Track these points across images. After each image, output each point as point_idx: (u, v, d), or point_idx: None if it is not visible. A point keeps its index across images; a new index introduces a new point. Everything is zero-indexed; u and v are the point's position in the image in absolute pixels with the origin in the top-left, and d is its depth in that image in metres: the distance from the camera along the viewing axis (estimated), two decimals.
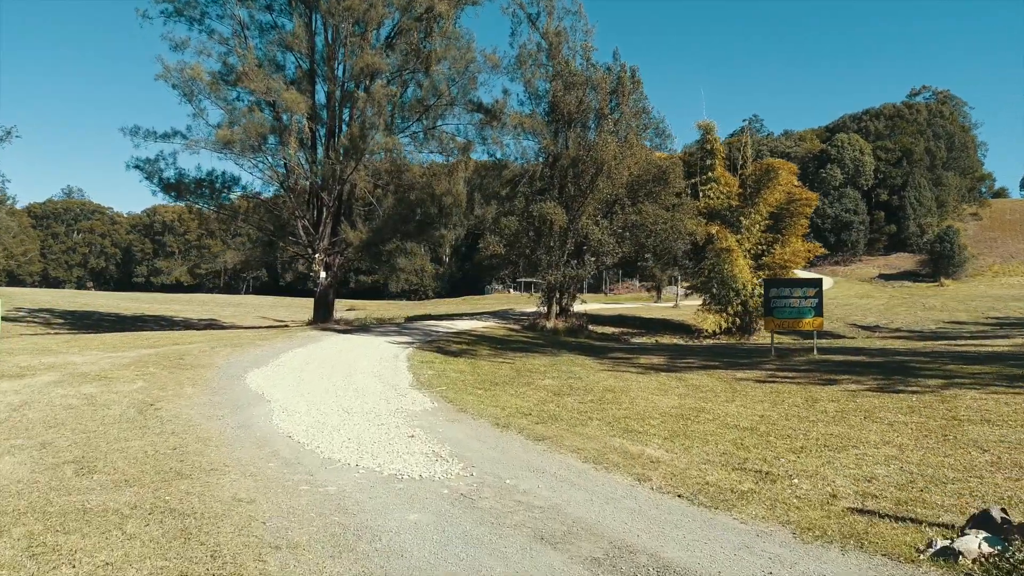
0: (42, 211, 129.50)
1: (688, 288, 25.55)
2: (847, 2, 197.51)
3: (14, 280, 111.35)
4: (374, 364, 11.13)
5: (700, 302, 26.02)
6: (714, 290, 23.50)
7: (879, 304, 43.95)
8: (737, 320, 24.02)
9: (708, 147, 25.00)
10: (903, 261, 75.15)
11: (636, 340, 23.92)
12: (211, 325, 29.43)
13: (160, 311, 37.18)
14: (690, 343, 21.98)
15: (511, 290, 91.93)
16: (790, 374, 11.20)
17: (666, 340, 24.37)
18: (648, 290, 66.21)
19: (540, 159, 24.12)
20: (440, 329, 19.70)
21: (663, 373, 11.70)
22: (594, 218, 22.88)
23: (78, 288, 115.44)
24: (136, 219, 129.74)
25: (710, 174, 24.87)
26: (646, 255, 23.59)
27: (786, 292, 13.43)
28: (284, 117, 18.47)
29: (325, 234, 19.75)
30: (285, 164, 18.63)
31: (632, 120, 24.10)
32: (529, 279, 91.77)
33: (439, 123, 20.90)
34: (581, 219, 22.56)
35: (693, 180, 24.41)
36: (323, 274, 19.75)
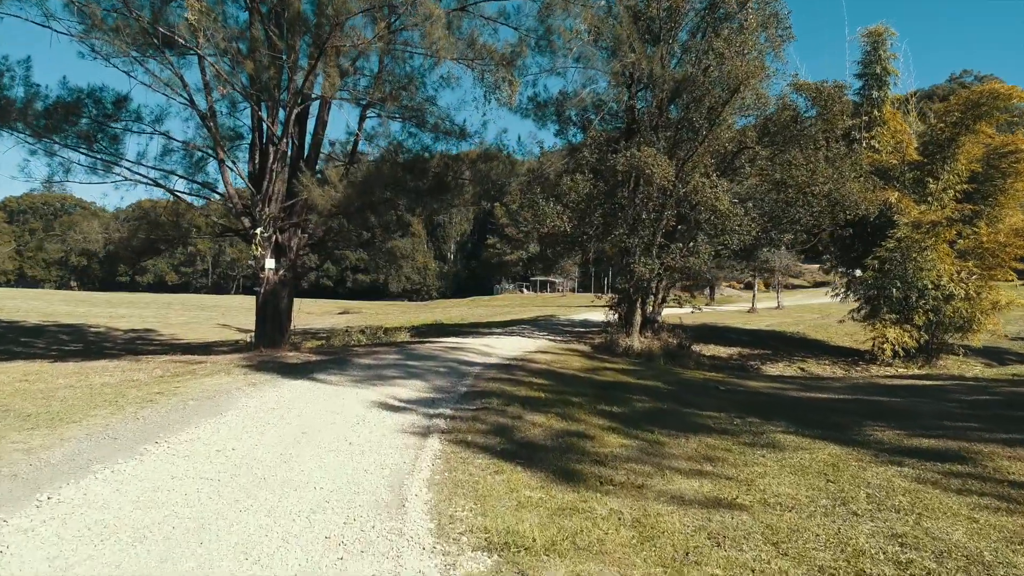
0: (18, 206, 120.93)
1: (845, 290, 17.12)
2: None
3: None
4: None
5: (855, 306, 17.50)
6: (894, 291, 15.00)
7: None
8: (924, 336, 15.56)
9: (877, 69, 16.44)
10: None
11: (772, 369, 15.50)
12: (139, 338, 21.09)
13: (90, 316, 28.79)
14: (886, 379, 13.44)
15: (524, 290, 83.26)
16: None
17: (812, 366, 15.94)
18: (684, 289, 57.79)
19: (620, 90, 15.62)
20: (474, 358, 11.29)
21: None
22: (708, 176, 14.44)
23: (59, 288, 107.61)
24: (122, 215, 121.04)
25: (876, 113, 16.36)
26: (783, 235, 15.13)
27: None
28: None
29: (274, 194, 11.31)
30: (199, 58, 10.23)
31: (759, 31, 15.62)
32: (545, 278, 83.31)
33: (466, 14, 12.42)
34: (693, 177, 14.11)
35: (852, 122, 15.88)
36: (270, 262, 11.34)
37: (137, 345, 18.30)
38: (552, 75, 16.31)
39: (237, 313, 35.75)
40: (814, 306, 35.47)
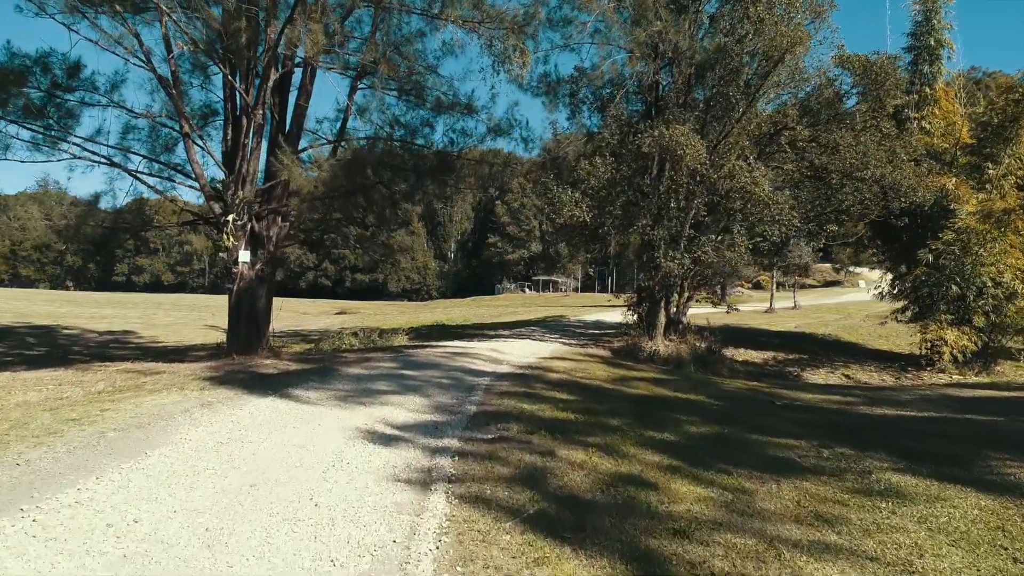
0: (13, 204, 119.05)
1: (894, 289, 15.48)
2: None
3: None
4: None
5: (897, 305, 15.88)
6: (953, 287, 13.39)
7: None
8: (982, 338, 13.94)
9: (931, 41, 14.82)
10: None
11: (814, 376, 13.90)
12: (114, 341, 19.51)
13: (70, 317, 27.16)
14: (952, 388, 11.80)
15: (526, 290, 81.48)
16: None
17: (857, 372, 14.32)
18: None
19: (647, 63, 13.98)
20: (482, 367, 9.67)
21: None
22: (745, 159, 12.83)
23: (54, 288, 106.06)
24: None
25: (928, 90, 14.75)
26: (824, 226, 13.51)
27: None
28: None
29: (249, 175, 9.69)
30: (160, 13, 8.61)
31: None
32: (547, 278, 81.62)
33: None
34: (728, 160, 12.51)
35: (903, 99, 14.26)
36: (245, 255, 9.72)
37: (109, 349, 16.69)
38: (565, 51, 14.77)
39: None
40: (831, 305, 33.88)
